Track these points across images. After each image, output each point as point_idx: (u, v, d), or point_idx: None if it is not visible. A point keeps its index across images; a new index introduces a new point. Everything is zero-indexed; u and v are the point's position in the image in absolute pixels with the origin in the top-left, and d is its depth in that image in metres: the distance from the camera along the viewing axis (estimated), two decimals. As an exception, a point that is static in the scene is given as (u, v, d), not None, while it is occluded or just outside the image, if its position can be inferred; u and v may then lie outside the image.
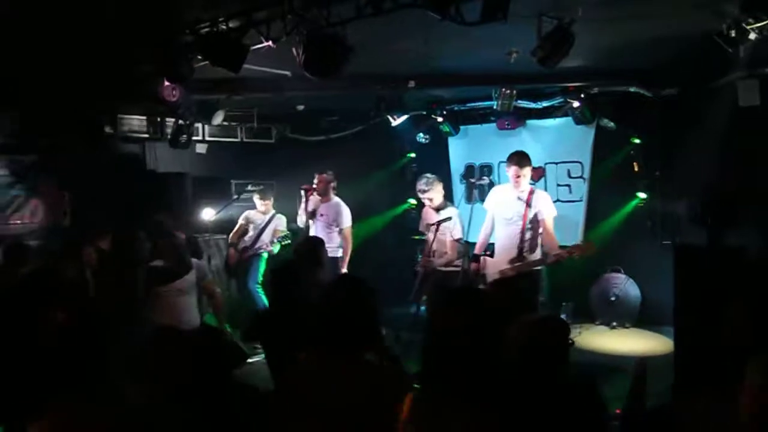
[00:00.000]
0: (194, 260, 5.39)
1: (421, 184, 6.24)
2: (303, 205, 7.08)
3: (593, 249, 5.44)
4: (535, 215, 5.55)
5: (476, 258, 5.77)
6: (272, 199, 7.77)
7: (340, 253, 6.93)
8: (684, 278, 5.24)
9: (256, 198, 7.67)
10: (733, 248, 5.31)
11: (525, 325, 2.48)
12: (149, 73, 5.67)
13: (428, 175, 6.34)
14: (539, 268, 5.61)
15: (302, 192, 7.06)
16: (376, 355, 2.64)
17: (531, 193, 5.63)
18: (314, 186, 7.06)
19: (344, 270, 6.79)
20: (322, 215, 7.03)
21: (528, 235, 5.54)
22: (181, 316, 4.90)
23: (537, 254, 5.61)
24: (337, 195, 7.18)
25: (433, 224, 6.09)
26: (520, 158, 5.63)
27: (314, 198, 7.06)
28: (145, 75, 5.80)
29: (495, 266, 5.63)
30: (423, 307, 6.17)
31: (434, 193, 6.22)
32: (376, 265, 7.72)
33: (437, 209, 6.25)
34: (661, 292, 6.44)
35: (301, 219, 7.16)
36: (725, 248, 5.45)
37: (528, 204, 5.56)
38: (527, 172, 5.62)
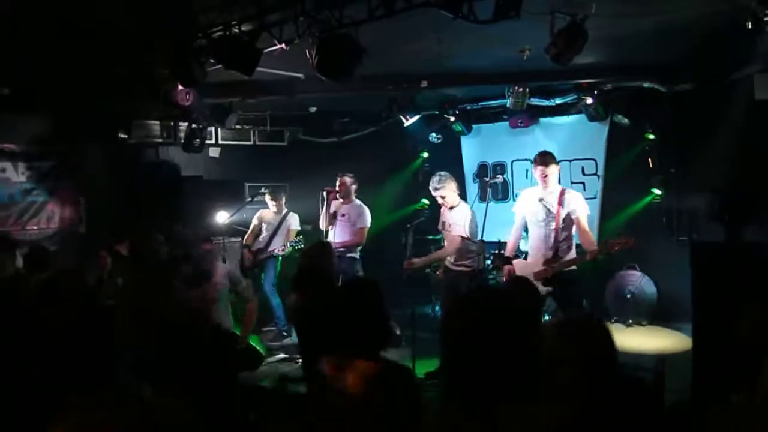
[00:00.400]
0: (224, 266, 5.42)
1: (433, 182, 6.20)
2: (324, 208, 7.08)
3: (632, 243, 5.28)
4: (568, 214, 5.46)
5: (508, 261, 5.71)
6: (284, 199, 7.80)
7: (358, 254, 6.95)
8: (701, 275, 5.20)
9: (267, 199, 7.70)
10: (751, 244, 5.27)
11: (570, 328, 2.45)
12: (163, 77, 5.70)
13: (441, 173, 6.31)
14: (574, 267, 5.49)
15: (324, 194, 7.07)
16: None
17: (562, 193, 5.54)
18: (337, 188, 7.07)
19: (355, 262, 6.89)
20: (343, 215, 7.05)
21: (563, 235, 5.47)
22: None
23: (572, 254, 5.53)
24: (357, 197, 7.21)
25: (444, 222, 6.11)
26: (543, 157, 5.56)
27: (335, 201, 7.08)
28: (160, 79, 5.84)
29: (529, 268, 5.56)
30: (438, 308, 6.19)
31: (447, 191, 6.15)
32: (390, 265, 7.71)
33: (450, 207, 6.22)
34: (677, 289, 6.40)
35: (323, 222, 7.16)
36: (743, 244, 5.40)
37: (560, 203, 5.48)
38: (553, 170, 5.53)
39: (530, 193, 5.81)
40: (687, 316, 5.37)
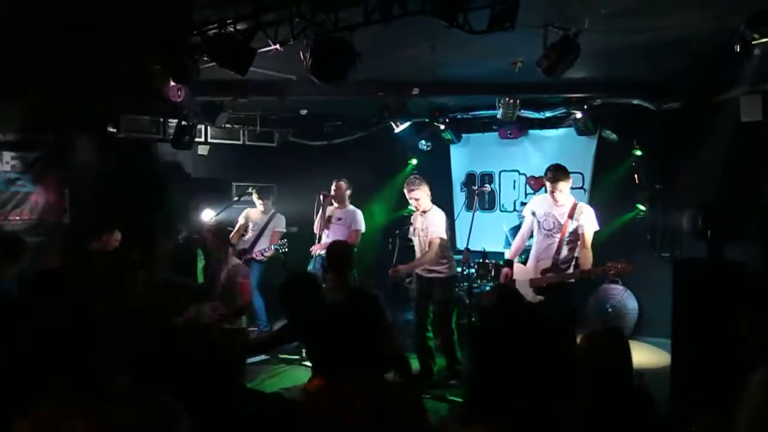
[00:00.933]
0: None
1: (409, 183, 6.12)
2: (320, 212, 7.12)
3: (630, 270, 5.26)
4: (576, 229, 5.42)
5: (508, 263, 5.72)
6: (271, 199, 7.80)
7: None
8: (682, 291, 5.26)
9: (254, 197, 7.70)
10: (732, 262, 5.34)
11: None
12: (155, 72, 5.68)
13: (416, 175, 6.32)
14: (572, 281, 5.44)
15: (320, 197, 7.09)
16: (396, 374, 2.58)
17: (574, 206, 5.48)
18: (332, 193, 7.11)
19: None
20: (339, 219, 7.11)
21: (566, 248, 5.43)
22: None
23: (571, 268, 5.48)
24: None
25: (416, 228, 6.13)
26: (553, 173, 5.47)
27: (330, 206, 7.12)
28: (151, 74, 5.81)
29: (526, 273, 5.56)
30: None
31: (421, 194, 6.05)
32: (376, 270, 7.73)
33: (423, 212, 6.13)
34: (658, 305, 6.46)
35: (317, 226, 7.17)
36: (725, 262, 5.47)
37: (570, 216, 5.44)
38: (562, 186, 5.43)
39: (543, 200, 5.74)
40: (667, 332, 5.44)
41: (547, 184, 5.52)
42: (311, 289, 3.85)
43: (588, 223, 5.44)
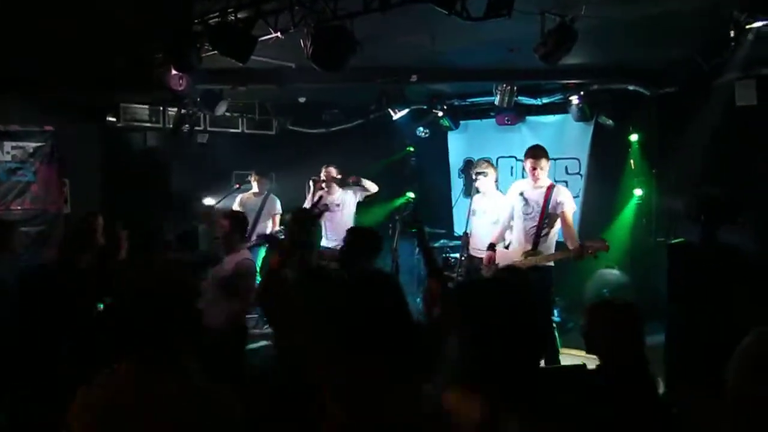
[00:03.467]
0: None
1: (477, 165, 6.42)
2: (309, 196, 7.17)
3: (606, 248, 5.44)
4: (554, 209, 5.57)
5: (491, 247, 5.83)
6: (269, 181, 7.85)
7: None
8: (677, 275, 5.35)
9: (252, 178, 7.73)
10: (726, 246, 5.41)
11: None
12: (156, 61, 5.72)
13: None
14: (551, 263, 5.61)
15: (311, 183, 7.17)
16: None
17: (550, 187, 5.66)
18: (323, 178, 7.19)
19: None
20: (337, 205, 7.20)
21: (544, 230, 5.58)
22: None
23: (551, 249, 5.66)
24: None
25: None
26: (534, 151, 5.70)
27: (322, 192, 7.17)
28: (152, 63, 5.85)
29: (508, 258, 5.67)
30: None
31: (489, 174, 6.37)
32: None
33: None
34: (654, 289, 6.55)
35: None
36: (718, 246, 5.54)
37: (546, 198, 5.59)
38: (544, 164, 5.66)
39: (521, 185, 5.93)
40: (664, 316, 5.53)
41: (530, 161, 5.67)
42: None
43: (566, 202, 5.61)
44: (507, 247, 5.93)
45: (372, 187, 7.30)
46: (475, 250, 6.23)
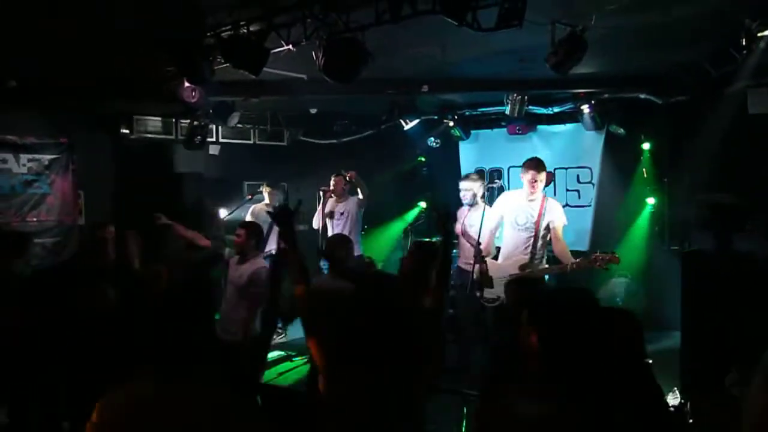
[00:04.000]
0: None
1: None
2: (320, 207, 7.23)
3: (617, 261, 5.41)
4: (548, 223, 5.59)
5: (482, 260, 5.78)
6: (281, 192, 7.90)
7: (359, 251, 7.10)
8: (691, 283, 5.32)
9: (264, 188, 7.78)
10: (740, 254, 5.38)
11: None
12: (169, 74, 5.78)
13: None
14: (546, 276, 5.60)
15: (321, 193, 7.22)
16: None
17: (544, 200, 5.67)
18: (332, 188, 7.25)
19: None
20: (341, 214, 7.22)
21: (540, 242, 5.58)
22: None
23: (544, 261, 5.67)
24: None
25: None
26: (537, 164, 5.67)
27: (330, 200, 7.25)
28: (165, 76, 5.91)
29: (501, 270, 5.66)
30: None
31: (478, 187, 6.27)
32: (388, 268, 7.81)
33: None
34: (668, 297, 6.51)
35: (316, 221, 7.28)
36: (733, 254, 5.51)
37: (542, 210, 5.59)
38: (543, 177, 5.65)
39: (512, 196, 5.91)
40: (676, 324, 5.49)
41: (531, 173, 5.63)
42: None
43: (558, 217, 5.62)
44: (495, 258, 5.89)
45: (363, 191, 7.28)
46: (464, 263, 6.17)
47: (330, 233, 7.07)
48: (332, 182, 7.27)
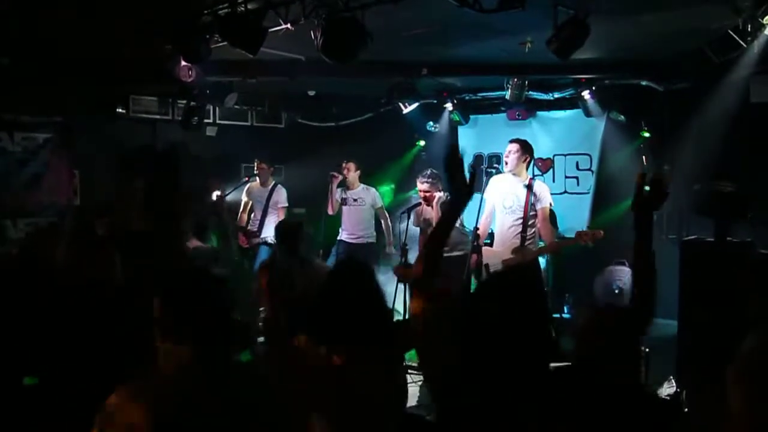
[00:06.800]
0: None
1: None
2: (330, 195, 7.26)
3: (601, 235, 5.41)
4: (534, 204, 5.57)
5: (477, 248, 5.75)
6: (272, 170, 7.84)
7: (373, 239, 7.26)
8: (689, 272, 5.29)
9: (256, 164, 7.73)
10: (739, 243, 5.35)
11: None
12: (165, 53, 5.70)
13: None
14: (539, 257, 5.64)
15: (332, 178, 7.24)
16: None
17: (531, 182, 5.66)
18: (343, 174, 7.26)
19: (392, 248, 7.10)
20: (355, 200, 7.26)
21: (530, 222, 5.57)
22: None
23: (537, 243, 5.64)
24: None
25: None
26: (525, 143, 5.73)
27: (339, 189, 7.28)
28: (161, 55, 5.83)
29: (497, 256, 5.62)
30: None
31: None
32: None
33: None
34: (665, 286, 6.47)
35: (330, 206, 7.30)
36: (731, 242, 5.48)
37: (529, 192, 5.57)
38: (516, 149, 5.66)
39: (499, 179, 5.88)
40: (674, 313, 5.48)
41: (518, 154, 5.64)
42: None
43: (545, 198, 5.60)
44: (490, 245, 5.88)
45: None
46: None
47: (348, 219, 7.18)
48: (344, 169, 7.27)
